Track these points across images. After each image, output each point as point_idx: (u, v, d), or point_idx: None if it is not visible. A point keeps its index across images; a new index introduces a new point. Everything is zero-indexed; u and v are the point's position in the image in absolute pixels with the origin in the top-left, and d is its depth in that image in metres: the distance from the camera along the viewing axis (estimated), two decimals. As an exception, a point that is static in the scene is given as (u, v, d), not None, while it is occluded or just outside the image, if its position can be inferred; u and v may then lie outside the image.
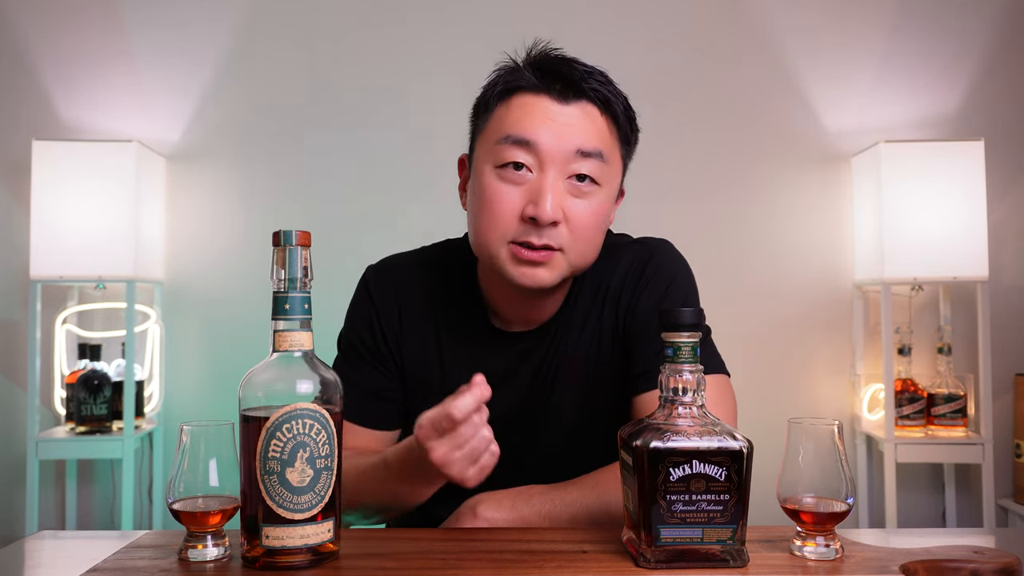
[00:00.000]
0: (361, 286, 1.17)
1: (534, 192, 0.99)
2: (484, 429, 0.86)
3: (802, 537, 0.80)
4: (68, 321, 2.40)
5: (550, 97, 1.00)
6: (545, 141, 0.98)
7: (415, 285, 1.14)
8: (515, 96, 1.02)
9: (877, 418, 2.42)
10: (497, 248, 1.01)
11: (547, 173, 0.99)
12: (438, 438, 0.85)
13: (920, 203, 2.24)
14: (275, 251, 0.78)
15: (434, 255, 1.19)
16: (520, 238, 0.99)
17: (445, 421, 0.84)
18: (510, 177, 1.00)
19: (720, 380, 1.05)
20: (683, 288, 1.10)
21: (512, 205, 0.99)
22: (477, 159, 1.05)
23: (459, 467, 0.86)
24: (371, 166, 2.50)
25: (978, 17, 2.50)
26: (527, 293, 1.05)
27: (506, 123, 1.01)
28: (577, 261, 1.03)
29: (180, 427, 0.81)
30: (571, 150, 0.99)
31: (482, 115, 1.05)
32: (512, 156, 0.99)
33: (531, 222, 0.98)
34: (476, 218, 1.03)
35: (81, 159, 2.24)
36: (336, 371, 1.14)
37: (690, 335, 0.77)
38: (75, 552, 0.88)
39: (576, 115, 1.00)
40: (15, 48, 2.47)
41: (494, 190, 1.00)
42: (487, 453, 0.87)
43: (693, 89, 2.50)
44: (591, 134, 1.00)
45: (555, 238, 0.99)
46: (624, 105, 1.04)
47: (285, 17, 2.51)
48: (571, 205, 1.00)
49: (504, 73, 1.04)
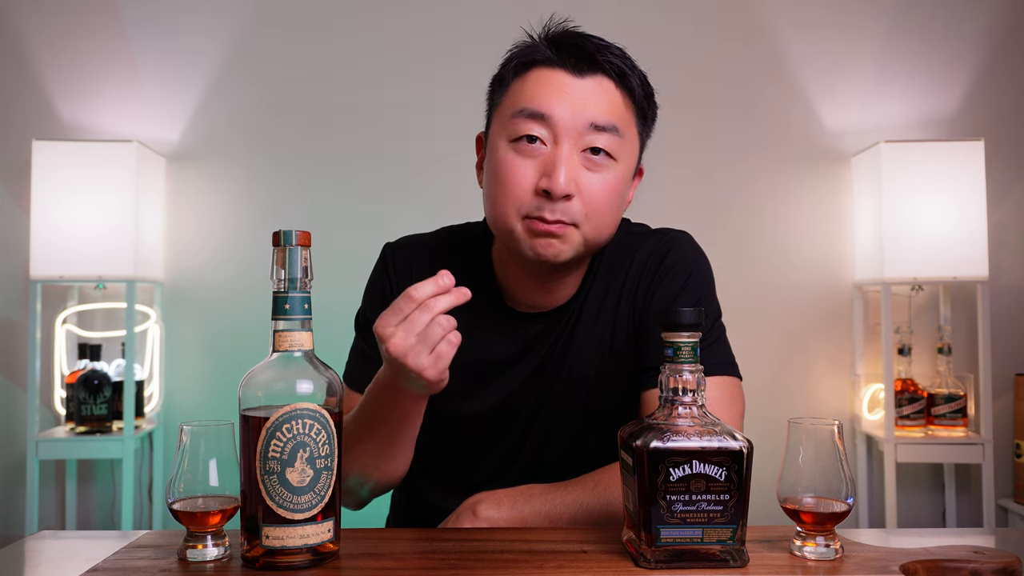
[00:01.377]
0: (379, 262, 1.18)
1: (548, 165, 0.98)
2: (442, 318, 0.85)
3: (802, 537, 0.80)
4: (68, 321, 2.40)
5: (565, 70, 1.00)
6: (559, 114, 0.98)
7: (431, 263, 1.14)
8: (531, 70, 1.01)
9: (877, 418, 2.42)
10: (513, 222, 1.00)
11: (561, 146, 0.98)
12: (395, 325, 0.85)
13: (920, 203, 2.24)
14: (275, 251, 0.78)
15: (451, 235, 1.19)
16: (534, 212, 0.99)
17: (402, 301, 0.85)
18: (524, 150, 0.99)
19: (729, 382, 1.04)
20: (701, 282, 1.09)
21: (526, 178, 0.99)
22: (493, 134, 1.04)
23: (414, 354, 0.85)
24: (371, 166, 2.50)
25: (978, 17, 2.50)
26: (543, 269, 1.04)
27: (521, 97, 1.00)
28: (592, 236, 1.02)
29: (180, 427, 0.81)
30: (585, 123, 0.98)
31: (498, 90, 1.05)
32: (527, 129, 0.99)
33: (544, 195, 0.98)
34: (491, 192, 1.03)
35: (81, 159, 2.24)
36: (354, 349, 1.16)
37: (690, 335, 0.77)
38: (75, 552, 0.88)
39: (591, 88, 0.99)
40: (15, 48, 2.47)
41: (509, 163, 1.00)
42: (444, 341, 0.86)
43: (693, 89, 2.50)
44: (605, 107, 0.99)
45: (568, 212, 0.98)
46: (641, 79, 1.03)
47: (285, 17, 2.51)
48: (585, 179, 0.99)
49: (521, 48, 1.04)
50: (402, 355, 0.85)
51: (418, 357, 0.85)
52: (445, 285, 0.86)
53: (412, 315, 0.85)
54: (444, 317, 0.86)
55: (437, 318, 0.85)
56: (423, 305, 0.85)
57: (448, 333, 0.86)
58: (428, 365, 0.86)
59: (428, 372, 0.86)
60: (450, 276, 0.86)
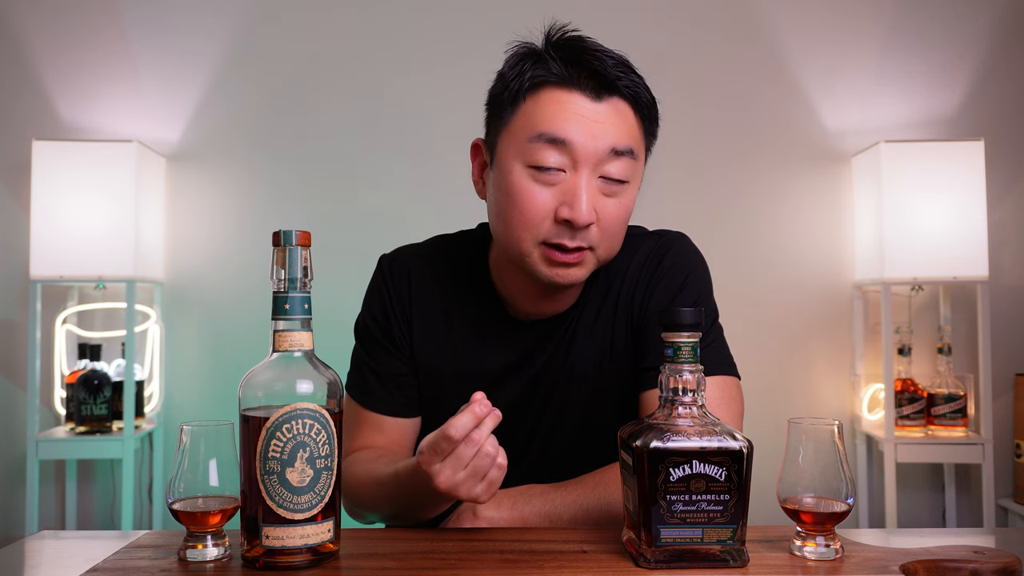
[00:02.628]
0: (376, 273, 1.17)
1: (568, 194, 0.96)
2: (487, 445, 0.83)
3: (802, 537, 0.80)
4: (68, 321, 2.40)
5: (582, 93, 0.97)
6: (580, 141, 0.96)
7: (428, 274, 1.14)
8: (544, 90, 0.98)
9: (877, 418, 2.42)
10: (529, 248, 0.99)
11: (580, 173, 0.97)
12: (440, 462, 0.84)
13: (920, 203, 2.24)
14: (275, 251, 0.78)
15: (447, 245, 1.18)
16: (553, 239, 0.98)
17: (444, 443, 0.83)
18: (543, 178, 0.97)
19: (728, 382, 1.04)
20: (699, 283, 1.09)
21: (545, 206, 0.97)
22: (503, 153, 1.01)
23: (466, 488, 0.84)
24: (371, 165, 2.50)
25: (978, 17, 2.50)
26: (553, 289, 1.04)
27: (537, 120, 0.97)
28: (605, 256, 1.02)
29: (180, 427, 0.81)
30: (605, 149, 0.97)
31: (507, 107, 1.01)
32: (545, 157, 0.96)
33: (565, 224, 0.97)
34: (506, 217, 1.00)
35: (81, 159, 2.24)
36: (355, 359, 1.15)
37: (690, 335, 0.77)
38: (75, 552, 0.88)
39: (609, 113, 0.98)
40: (15, 48, 2.47)
41: (526, 190, 0.98)
42: (494, 468, 0.84)
43: (693, 88, 2.50)
44: (624, 132, 0.98)
45: (587, 238, 0.98)
46: (650, 98, 1.02)
47: (285, 17, 2.51)
48: (603, 205, 0.98)
49: (528, 63, 1.00)
50: (453, 490, 0.84)
51: (471, 489, 0.85)
52: (481, 414, 0.83)
53: (456, 452, 0.83)
54: (489, 444, 0.83)
55: (484, 448, 0.83)
56: (468, 440, 0.82)
57: (496, 457, 0.84)
58: (481, 493, 0.85)
59: (482, 499, 0.86)
60: (485, 402, 0.83)
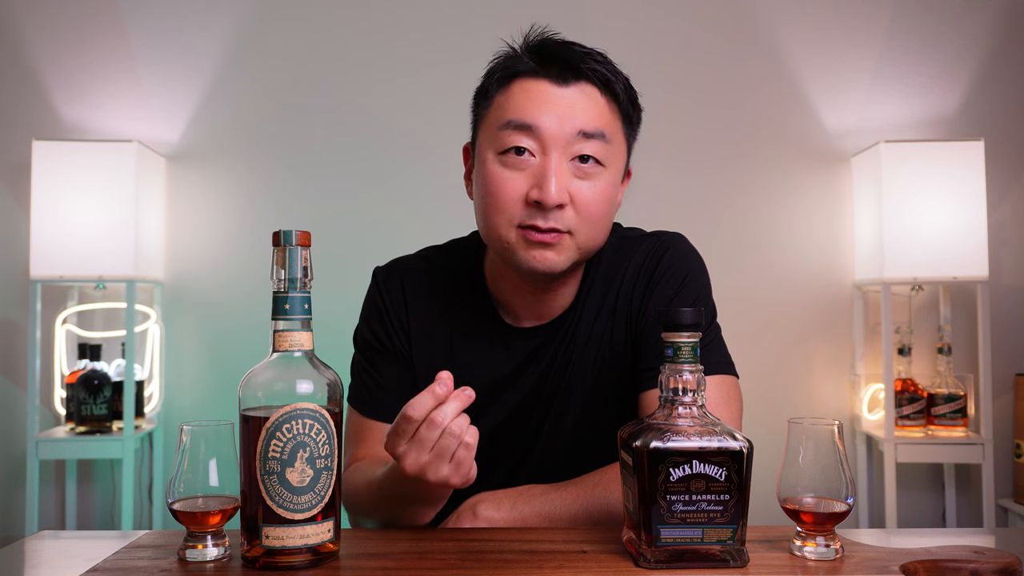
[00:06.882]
0: (372, 285, 1.17)
1: (538, 176, 0.98)
2: (452, 425, 0.82)
3: (802, 537, 0.80)
4: (68, 321, 2.40)
5: (549, 80, 1.00)
6: (546, 124, 0.98)
7: (423, 284, 1.14)
8: (514, 82, 1.02)
9: (877, 418, 2.42)
10: (506, 233, 1.00)
11: (550, 156, 0.98)
12: (405, 444, 0.83)
13: (920, 203, 2.24)
14: (275, 251, 0.78)
15: (441, 254, 1.19)
16: (527, 221, 0.99)
17: (403, 423, 0.82)
18: (513, 163, 1.00)
19: (727, 381, 1.04)
20: (697, 283, 1.09)
21: (516, 190, 0.99)
22: (480, 147, 1.04)
23: (433, 469, 0.83)
24: (371, 165, 2.49)
25: (978, 17, 2.50)
26: (538, 280, 1.04)
27: (506, 109, 1.01)
28: (586, 243, 1.02)
29: (180, 427, 0.81)
30: (573, 132, 0.99)
31: (482, 103, 1.05)
32: (514, 141, 0.99)
33: (536, 206, 0.98)
34: (483, 205, 1.03)
35: (81, 159, 2.23)
36: (355, 369, 1.16)
37: (690, 335, 0.77)
38: (75, 552, 0.88)
39: (576, 97, 1.00)
40: (15, 48, 2.47)
41: (498, 176, 1.00)
42: (460, 447, 0.83)
43: (692, 88, 2.49)
44: (592, 115, 1.00)
45: (562, 220, 0.99)
46: (625, 84, 1.04)
47: (285, 17, 2.51)
48: (577, 187, 0.99)
49: (502, 60, 1.04)
50: (420, 472, 0.83)
51: (437, 471, 0.83)
52: (441, 393, 0.82)
53: (418, 434, 0.82)
54: (455, 422, 0.82)
55: (448, 428, 0.82)
56: (428, 421, 0.81)
57: (463, 437, 0.82)
58: (450, 474, 0.84)
59: (452, 480, 0.85)
60: (448, 382, 0.82)
